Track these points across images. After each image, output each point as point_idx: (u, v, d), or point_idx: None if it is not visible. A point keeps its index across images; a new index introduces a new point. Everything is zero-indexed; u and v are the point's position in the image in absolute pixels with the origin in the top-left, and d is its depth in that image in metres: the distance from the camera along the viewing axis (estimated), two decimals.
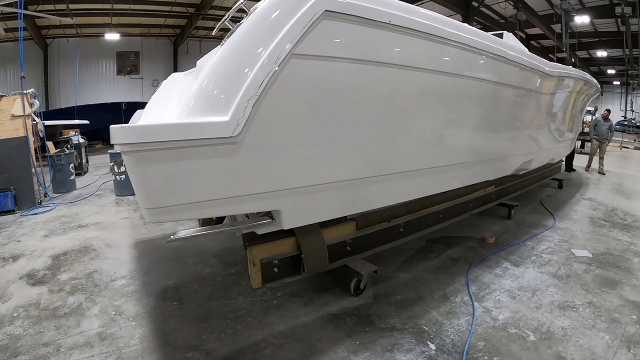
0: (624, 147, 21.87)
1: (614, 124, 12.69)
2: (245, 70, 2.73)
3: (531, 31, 23.80)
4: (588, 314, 4.29)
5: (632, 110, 32.61)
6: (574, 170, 12.68)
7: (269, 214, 3.42)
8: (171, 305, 4.13)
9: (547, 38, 22.80)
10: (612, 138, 12.69)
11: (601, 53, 26.53)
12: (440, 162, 4.48)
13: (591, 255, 5.86)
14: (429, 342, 3.68)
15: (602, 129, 12.27)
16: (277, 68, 2.76)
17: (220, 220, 4.42)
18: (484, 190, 6.73)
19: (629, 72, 26.92)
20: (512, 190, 7.79)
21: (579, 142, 16.98)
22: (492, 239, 6.18)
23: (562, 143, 8.25)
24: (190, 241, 5.70)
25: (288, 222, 3.38)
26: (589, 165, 12.75)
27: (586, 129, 16.24)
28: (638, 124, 28.43)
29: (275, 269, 3.82)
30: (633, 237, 6.84)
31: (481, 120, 4.92)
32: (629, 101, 33.25)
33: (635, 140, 23.86)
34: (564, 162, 12.00)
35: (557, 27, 19.37)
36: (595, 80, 9.74)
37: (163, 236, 5.99)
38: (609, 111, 12.69)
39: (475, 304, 4.37)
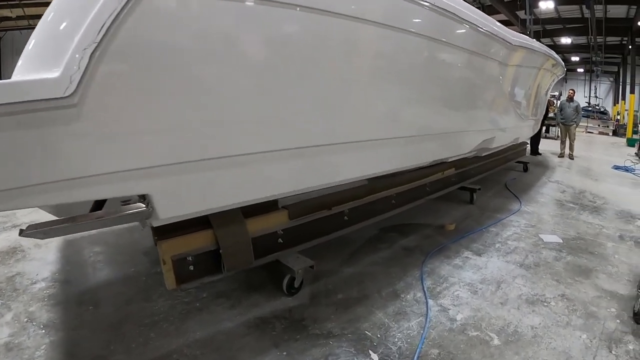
0: (588, 132, 21.81)
1: (580, 105, 12.02)
2: (81, 10, 1.96)
3: (495, 17, 23.39)
4: (561, 308, 3.69)
5: (596, 97, 32.91)
6: (539, 154, 12.22)
7: (144, 200, 2.58)
8: (86, 310, 3.54)
9: (511, 24, 22.46)
10: (580, 121, 12.05)
11: (565, 40, 26.49)
12: (368, 134, 3.71)
13: (561, 241, 5.24)
14: (370, 352, 2.99)
15: (568, 111, 11.79)
16: (124, 4, 1.93)
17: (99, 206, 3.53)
18: (443, 173, 6.06)
19: (593, 59, 26.96)
20: (474, 173, 7.15)
21: (544, 128, 16.55)
22: (452, 225, 5.49)
23: (526, 122, 7.64)
24: (124, 237, 5.12)
25: (164, 210, 2.57)
26: (562, 152, 12.11)
27: (551, 114, 15.88)
28: (602, 109, 28.59)
29: (191, 267, 3.17)
30: (604, 220, 6.30)
31: (427, 87, 4.21)
32: (592, 88, 33.51)
33: (599, 125, 23.88)
34: (529, 146, 11.45)
35: (521, 14, 19.03)
36: (560, 60, 9.21)
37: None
38: (573, 91, 12.21)
39: (430, 301, 3.66)
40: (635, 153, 13.80)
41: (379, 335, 3.19)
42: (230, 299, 3.71)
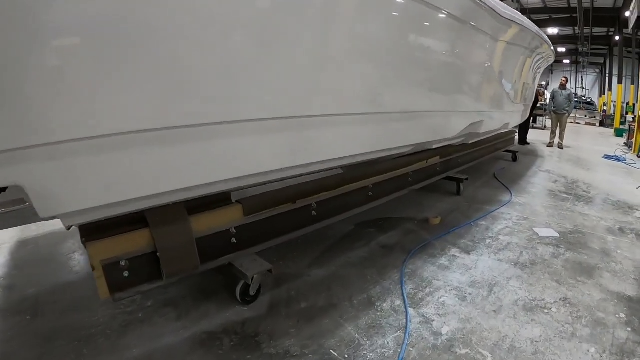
0: (575, 122, 21.39)
1: (573, 93, 11.40)
2: None
3: None
4: (564, 316, 3.12)
5: (583, 88, 32.55)
6: (528, 143, 11.65)
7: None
8: (22, 321, 3.02)
9: None
10: (572, 111, 11.43)
11: (552, 30, 25.98)
12: (339, 107, 3.09)
13: (558, 235, 4.65)
14: None
15: (560, 99, 11.20)
16: None
17: None
18: (427, 161, 5.41)
19: (580, 50, 26.53)
20: (461, 162, 6.55)
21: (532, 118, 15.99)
22: (437, 219, 4.87)
23: (516, 107, 7.01)
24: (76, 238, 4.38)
25: (45, 206, 1.87)
26: (551, 141, 11.53)
27: (540, 103, 15.35)
28: (588, 100, 28.21)
29: (125, 274, 2.59)
30: (602, 211, 5.73)
31: (406, 58, 3.55)
32: (579, 79, 33.15)
33: (586, 116, 23.48)
34: (517, 136, 10.88)
35: (508, 3, 18.40)
36: (550, 43, 8.62)
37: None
38: (566, 79, 11.61)
39: (411, 311, 3.03)
40: (624, 143, 13.35)
41: (346, 356, 2.59)
42: (178, 309, 3.10)
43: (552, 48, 8.79)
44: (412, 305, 3.18)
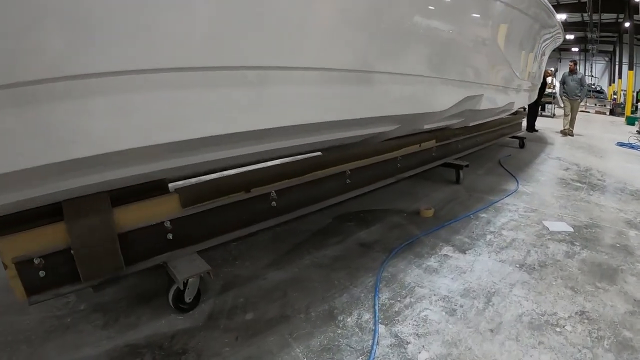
0: (584, 111, 20.29)
1: (585, 77, 10.31)
2: None
3: None
4: (581, 336, 2.37)
5: (592, 76, 31.16)
6: (536, 130, 10.71)
7: None
8: None
9: None
10: (585, 96, 10.35)
11: (560, 17, 24.64)
12: (300, 59, 2.30)
13: (572, 230, 3.82)
14: None
15: (571, 84, 10.23)
16: None
17: None
18: (420, 145, 4.58)
19: (589, 36, 25.24)
20: (462, 147, 5.72)
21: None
22: (429, 211, 4.07)
23: (522, 84, 6.12)
24: None
25: None
26: (564, 129, 10.53)
27: (548, 90, 14.34)
28: (598, 88, 26.91)
29: (41, 273, 2.11)
30: (619, 201, 4.87)
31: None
32: (588, 67, 31.77)
33: (596, 105, 22.30)
34: (525, 122, 9.98)
35: None
36: (559, 22, 7.71)
37: None
38: (574, 62, 10.59)
39: (381, 329, 2.31)
40: (637, 131, 12.38)
41: None
42: (108, 315, 2.50)
43: (561, 28, 7.86)
44: (384, 320, 2.41)
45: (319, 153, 3.83)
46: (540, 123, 11.44)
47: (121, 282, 2.68)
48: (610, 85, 28.89)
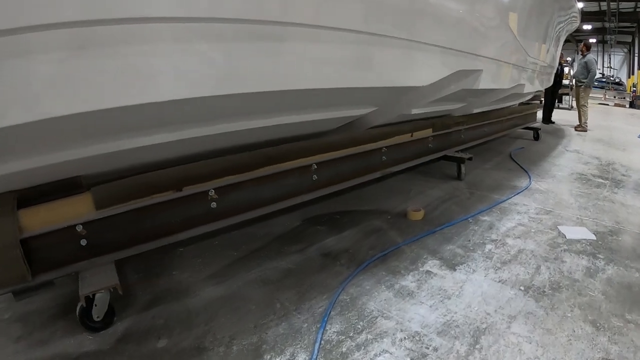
0: (602, 103, 18.94)
1: (593, 61, 8.77)
2: None
3: None
4: None
5: (610, 67, 29.42)
6: (553, 122, 9.67)
7: None
8: None
9: None
10: (592, 83, 8.72)
11: (579, 5, 23.26)
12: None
13: (594, 237, 2.95)
14: None
15: (578, 68, 9.07)
16: None
17: None
18: (412, 134, 3.73)
19: (607, 27, 23.71)
20: (465, 138, 4.86)
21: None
22: (418, 213, 3.24)
23: (534, 65, 5.18)
24: None
25: None
26: (579, 125, 9.05)
27: (565, 81, 13.15)
28: (617, 80, 25.34)
29: None
30: None
31: None
32: (606, 58, 30.04)
33: (615, 97, 20.85)
34: (540, 113, 8.93)
35: None
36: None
37: None
38: (585, 46, 9.08)
39: None
40: None
41: None
42: (27, 326, 2.09)
43: (578, 8, 6.89)
44: None
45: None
46: (557, 115, 10.38)
47: (54, 290, 2.22)
48: (629, 77, 27.23)
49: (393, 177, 4.34)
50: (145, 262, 2.58)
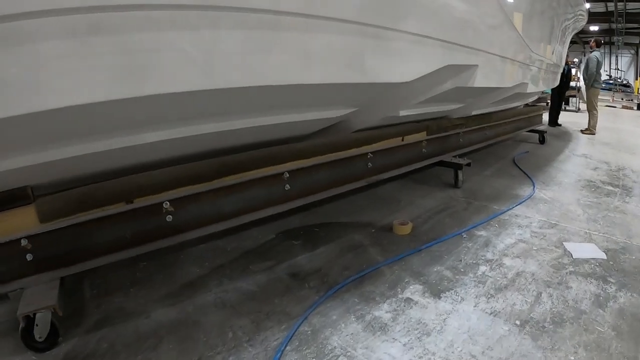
0: (610, 105, 18.33)
1: (597, 56, 7.96)
2: None
3: None
4: None
5: (617, 69, 28.62)
6: (559, 125, 9.20)
7: None
8: None
9: None
10: (595, 84, 8.08)
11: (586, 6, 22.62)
12: None
13: (604, 256, 2.55)
14: None
15: (583, 66, 8.53)
16: None
17: None
18: (402, 138, 3.34)
19: (614, 28, 23.04)
20: (464, 142, 4.46)
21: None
22: (406, 227, 2.86)
23: (537, 61, 4.75)
24: None
25: None
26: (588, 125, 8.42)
27: (572, 83, 12.59)
28: (624, 82, 24.62)
29: None
30: None
31: None
32: (613, 60, 29.25)
33: (622, 99, 20.23)
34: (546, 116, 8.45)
35: None
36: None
37: None
38: (595, 42, 8.52)
39: None
40: None
41: None
42: None
43: (585, 7, 6.45)
44: None
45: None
46: (564, 117, 9.90)
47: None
48: (637, 78, 26.51)
49: (383, 185, 3.95)
50: (104, 276, 2.33)
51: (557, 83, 7.10)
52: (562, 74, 8.06)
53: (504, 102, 4.80)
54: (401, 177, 4.08)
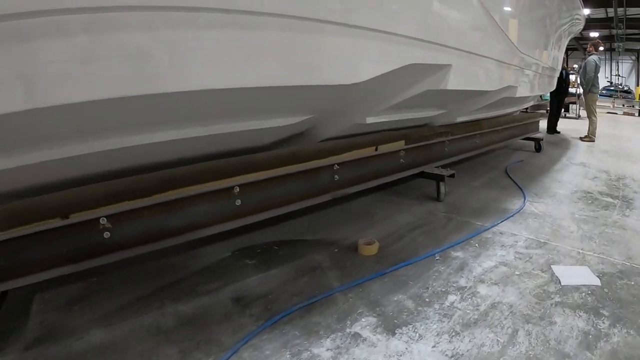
0: (611, 112, 17.88)
1: (595, 60, 7.57)
2: None
3: None
4: None
5: (618, 75, 28.09)
6: (558, 132, 8.78)
7: None
8: None
9: None
10: (592, 88, 7.64)
11: (584, 12, 22.20)
12: None
13: (598, 282, 2.18)
14: None
15: (580, 71, 8.16)
16: None
17: None
18: (376, 148, 2.99)
19: (615, 34, 22.62)
20: (450, 151, 4.04)
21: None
22: (371, 246, 2.52)
23: (529, 65, 4.39)
24: None
25: None
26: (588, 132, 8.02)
27: (572, 90, 12.21)
28: (625, 88, 24.10)
29: None
30: None
31: None
32: (614, 66, 28.71)
33: (623, 105, 19.74)
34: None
35: None
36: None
37: None
38: (593, 45, 8.19)
39: None
40: None
41: None
42: None
43: (582, 6, 6.11)
44: None
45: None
46: (563, 124, 9.49)
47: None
48: (638, 84, 26.02)
49: (360, 197, 3.59)
50: (57, 290, 2.16)
51: (553, 87, 6.71)
52: (560, 79, 7.68)
53: (493, 108, 4.43)
54: (381, 189, 3.72)
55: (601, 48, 9.32)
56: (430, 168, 3.76)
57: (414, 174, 3.66)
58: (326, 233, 2.94)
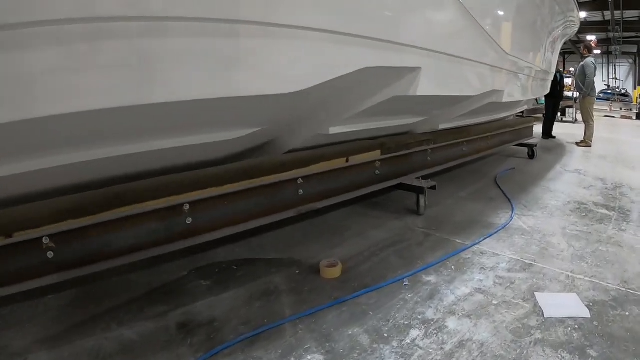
0: (608, 115, 17.58)
1: (590, 64, 7.34)
2: None
3: None
4: None
5: (616, 79, 27.75)
6: (553, 137, 8.48)
7: None
8: None
9: None
10: (590, 92, 7.40)
11: (579, 14, 21.89)
12: None
13: (587, 314, 1.85)
14: None
15: (576, 74, 7.89)
16: None
17: None
18: (347, 159, 2.69)
19: (612, 37, 22.34)
20: (434, 160, 3.75)
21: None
22: (334, 268, 2.26)
23: (518, 68, 4.10)
24: None
25: None
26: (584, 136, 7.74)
27: (568, 93, 11.94)
28: (623, 91, 23.78)
29: None
30: None
31: None
32: (611, 69, 28.39)
33: (621, 109, 19.42)
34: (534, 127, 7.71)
35: None
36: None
37: None
38: (586, 48, 7.96)
39: None
40: None
41: None
42: None
43: (577, 7, 5.83)
44: None
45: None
46: (559, 129, 9.18)
47: None
48: (635, 88, 25.69)
49: (335, 210, 3.30)
50: (12, 308, 2.05)
51: (546, 91, 6.43)
52: (555, 82, 7.40)
53: (480, 113, 4.13)
54: (358, 201, 3.44)
55: (597, 51, 9.11)
56: (411, 179, 3.46)
57: (393, 185, 3.36)
58: (292, 251, 2.66)
